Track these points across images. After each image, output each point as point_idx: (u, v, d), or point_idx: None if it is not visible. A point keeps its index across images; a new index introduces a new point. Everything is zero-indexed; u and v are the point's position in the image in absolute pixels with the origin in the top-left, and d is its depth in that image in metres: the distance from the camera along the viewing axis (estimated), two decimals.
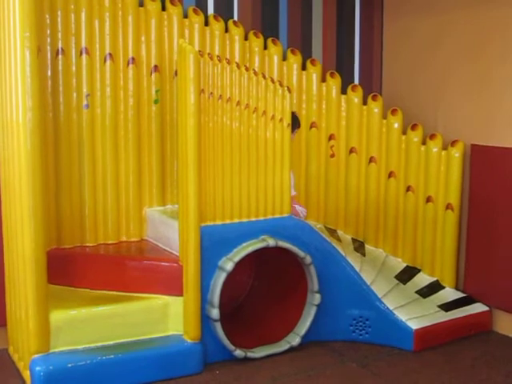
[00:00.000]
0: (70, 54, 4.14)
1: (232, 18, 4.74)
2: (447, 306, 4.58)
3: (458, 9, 4.75)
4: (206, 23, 4.60)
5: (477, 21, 4.63)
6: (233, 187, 4.04)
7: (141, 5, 4.35)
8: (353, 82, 5.28)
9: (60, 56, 4.10)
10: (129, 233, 4.46)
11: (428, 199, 4.82)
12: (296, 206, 4.53)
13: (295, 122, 4.50)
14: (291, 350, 4.21)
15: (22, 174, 3.48)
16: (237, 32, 4.68)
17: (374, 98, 5.01)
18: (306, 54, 5.04)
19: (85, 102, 4.22)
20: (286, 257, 4.17)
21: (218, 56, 4.10)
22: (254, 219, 4.14)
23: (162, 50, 4.44)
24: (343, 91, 5.03)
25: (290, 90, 4.23)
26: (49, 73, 4.08)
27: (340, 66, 5.25)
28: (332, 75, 5.02)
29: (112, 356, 3.72)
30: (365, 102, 5.02)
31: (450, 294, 4.74)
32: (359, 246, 5.05)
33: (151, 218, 4.45)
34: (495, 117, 4.54)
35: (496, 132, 4.53)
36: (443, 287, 4.79)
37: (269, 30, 4.89)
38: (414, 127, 4.88)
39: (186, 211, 3.84)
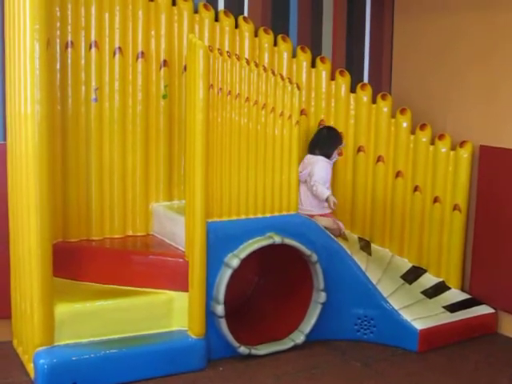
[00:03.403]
0: (79, 47, 4.13)
1: (242, 14, 4.73)
2: (452, 307, 4.56)
3: (470, 11, 4.73)
4: (216, 19, 4.58)
5: (488, 23, 4.61)
6: (240, 183, 4.04)
7: None
8: (362, 80, 5.26)
9: (69, 49, 4.09)
10: (135, 227, 4.46)
11: (435, 199, 4.80)
12: (339, 222, 4.66)
13: (337, 139, 4.69)
14: (295, 348, 4.20)
15: (29, 167, 3.47)
16: (247, 28, 4.66)
17: (383, 97, 5.00)
18: (316, 52, 5.01)
19: (93, 96, 4.21)
20: (292, 254, 4.16)
21: (227, 52, 4.10)
22: (260, 216, 4.13)
23: (172, 45, 4.43)
24: (352, 89, 5.01)
25: (299, 88, 4.22)
26: (58, 66, 4.07)
27: (350, 64, 5.23)
28: (341, 73, 5.00)
29: (116, 350, 3.72)
30: (374, 101, 5.00)
31: (455, 295, 4.72)
32: (365, 246, 5.03)
33: (157, 213, 4.44)
34: (505, 118, 4.51)
35: (505, 133, 4.51)
36: (449, 288, 4.78)
37: (279, 27, 4.86)
38: (422, 127, 4.86)
39: (193, 207, 3.83)
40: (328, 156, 4.70)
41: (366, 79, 5.32)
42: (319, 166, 4.63)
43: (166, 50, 4.40)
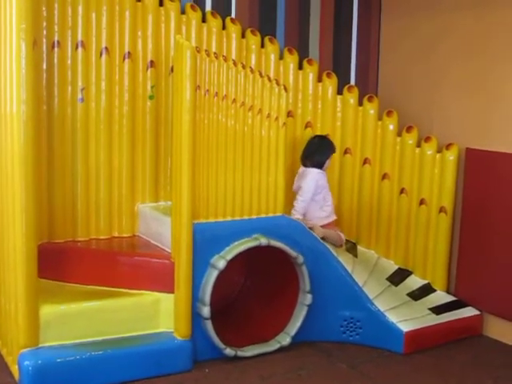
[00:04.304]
0: (65, 47, 4.11)
1: (229, 15, 4.72)
2: (438, 309, 4.58)
3: (455, 11, 4.75)
4: (204, 20, 4.58)
5: (473, 24, 4.63)
6: (226, 185, 4.03)
7: None
8: (349, 82, 5.27)
9: (56, 49, 4.08)
10: (121, 228, 4.44)
11: (421, 202, 4.81)
12: (340, 233, 4.71)
13: (329, 148, 4.72)
14: (281, 349, 4.20)
15: (15, 167, 3.45)
16: (234, 29, 4.66)
17: (370, 100, 5.01)
18: (303, 54, 5.02)
19: (79, 96, 4.19)
20: (278, 256, 4.15)
21: (214, 53, 4.09)
22: (246, 218, 4.13)
23: (159, 46, 4.42)
24: (339, 92, 5.02)
25: (286, 89, 4.23)
26: (44, 65, 4.05)
27: (337, 66, 5.24)
28: (328, 75, 5.01)
29: (101, 352, 3.69)
30: (360, 103, 5.02)
31: (441, 297, 4.73)
32: (351, 247, 5.04)
33: (143, 214, 4.43)
34: (490, 121, 4.53)
35: (491, 136, 4.53)
36: (434, 290, 4.79)
37: (266, 29, 4.87)
38: (409, 129, 4.87)
39: (179, 208, 3.82)
40: (321, 165, 4.71)
41: (352, 81, 5.33)
42: (307, 180, 4.65)
43: (153, 50, 4.39)
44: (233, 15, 4.75)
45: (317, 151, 4.74)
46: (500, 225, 4.43)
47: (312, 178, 4.65)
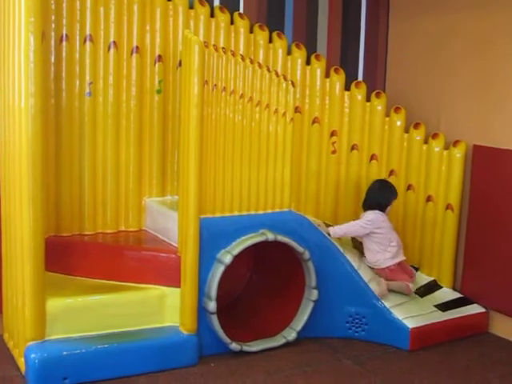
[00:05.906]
0: (74, 40, 4.11)
1: (238, 10, 4.71)
2: (444, 306, 4.58)
3: (464, 9, 4.73)
4: (212, 15, 4.57)
5: (481, 22, 4.61)
6: (233, 180, 4.04)
7: None
8: (357, 78, 5.25)
9: (64, 42, 4.08)
10: (127, 222, 4.45)
11: (428, 198, 4.81)
12: (409, 284, 4.59)
13: (391, 192, 4.65)
14: (287, 344, 4.20)
15: (23, 160, 3.46)
16: (242, 24, 4.65)
17: (378, 96, 5.00)
18: (311, 49, 5.00)
19: (87, 90, 4.19)
20: (285, 251, 4.16)
21: (222, 48, 4.09)
22: (253, 213, 4.13)
23: (167, 40, 4.41)
24: (347, 87, 5.01)
25: (293, 85, 4.22)
26: (52, 59, 4.06)
27: (344, 62, 5.23)
28: (336, 71, 5.00)
29: (107, 345, 3.70)
30: (368, 99, 5.00)
31: (447, 294, 4.73)
32: (358, 244, 5.03)
33: (150, 209, 4.43)
34: (498, 118, 4.52)
35: (498, 133, 4.52)
36: (440, 287, 4.79)
37: (274, 24, 4.85)
38: (416, 126, 4.87)
39: (186, 203, 3.82)
40: (382, 208, 4.62)
41: (360, 77, 5.31)
42: (363, 216, 4.63)
43: (161, 45, 4.39)
44: (241, 10, 4.74)
45: (377, 196, 4.65)
46: (507, 222, 4.42)
47: (367, 216, 4.59)
